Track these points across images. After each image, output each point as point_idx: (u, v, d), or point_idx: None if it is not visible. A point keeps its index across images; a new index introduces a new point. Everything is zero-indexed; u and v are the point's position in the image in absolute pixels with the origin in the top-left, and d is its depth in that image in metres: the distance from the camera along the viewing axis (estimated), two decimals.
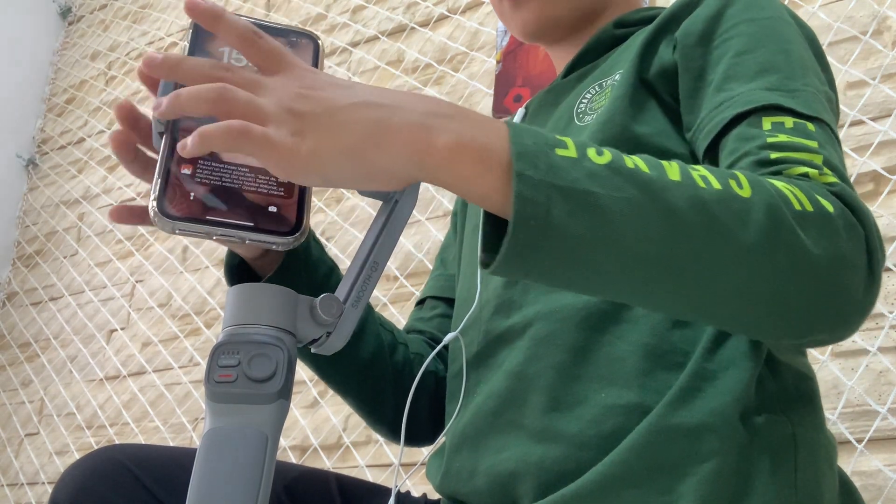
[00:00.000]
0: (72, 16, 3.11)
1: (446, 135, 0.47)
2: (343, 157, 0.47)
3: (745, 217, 0.49)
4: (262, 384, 0.48)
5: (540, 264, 0.47)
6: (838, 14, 1.45)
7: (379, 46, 2.09)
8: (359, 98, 0.48)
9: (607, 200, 0.46)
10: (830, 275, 0.51)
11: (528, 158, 0.46)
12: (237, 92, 0.47)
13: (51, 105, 2.98)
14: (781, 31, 0.67)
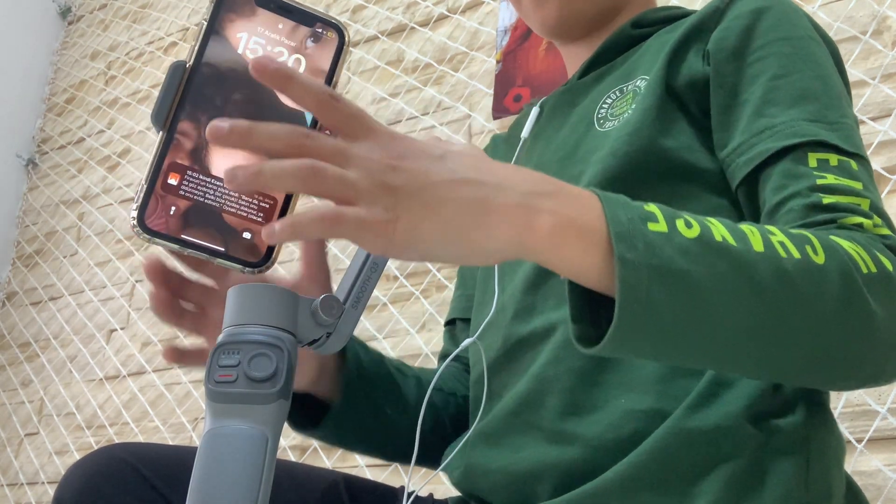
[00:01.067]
0: (71, 15, 3.11)
1: (547, 216, 0.47)
2: (442, 235, 0.45)
3: (822, 287, 0.51)
4: (262, 384, 0.48)
5: (641, 343, 0.49)
6: (838, 14, 1.45)
7: (379, 46, 2.09)
8: (457, 175, 0.46)
9: (700, 278, 0.48)
10: (893, 334, 0.54)
11: (626, 239, 0.47)
12: (328, 169, 0.44)
13: (51, 105, 2.98)
14: (815, 54, 0.67)
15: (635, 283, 0.46)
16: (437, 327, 1.68)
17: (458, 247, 0.46)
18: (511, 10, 1.85)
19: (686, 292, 0.48)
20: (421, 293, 1.73)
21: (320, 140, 0.45)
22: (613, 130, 0.69)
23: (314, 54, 0.53)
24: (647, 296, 0.47)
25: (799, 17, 0.69)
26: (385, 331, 1.75)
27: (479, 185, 0.46)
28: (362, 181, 0.44)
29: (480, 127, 1.81)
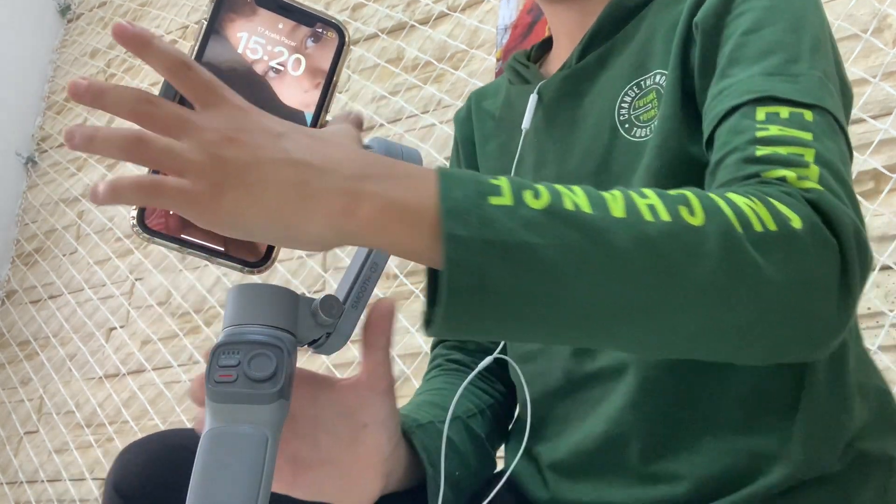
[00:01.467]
0: (71, 13, 3.10)
1: (368, 200, 0.44)
2: (263, 217, 0.43)
3: (697, 250, 0.46)
4: (262, 384, 0.48)
5: (481, 323, 0.45)
6: (839, 12, 1.45)
7: (379, 44, 2.09)
8: (286, 155, 0.44)
9: (547, 251, 0.44)
10: (796, 300, 0.48)
11: (457, 215, 0.44)
12: (153, 141, 0.43)
13: (50, 103, 2.97)
14: (797, 5, 0.64)
15: (464, 260, 0.43)
16: None
17: (280, 230, 0.44)
18: (511, 8, 1.85)
19: (531, 267, 0.44)
20: (421, 291, 1.72)
21: (162, 108, 0.44)
22: (648, 141, 0.66)
23: (314, 54, 0.53)
24: (481, 273, 0.43)
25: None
26: None
27: (305, 168, 0.44)
28: (193, 152, 0.43)
29: None
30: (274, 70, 0.52)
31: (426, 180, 0.45)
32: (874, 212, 1.30)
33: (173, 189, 0.42)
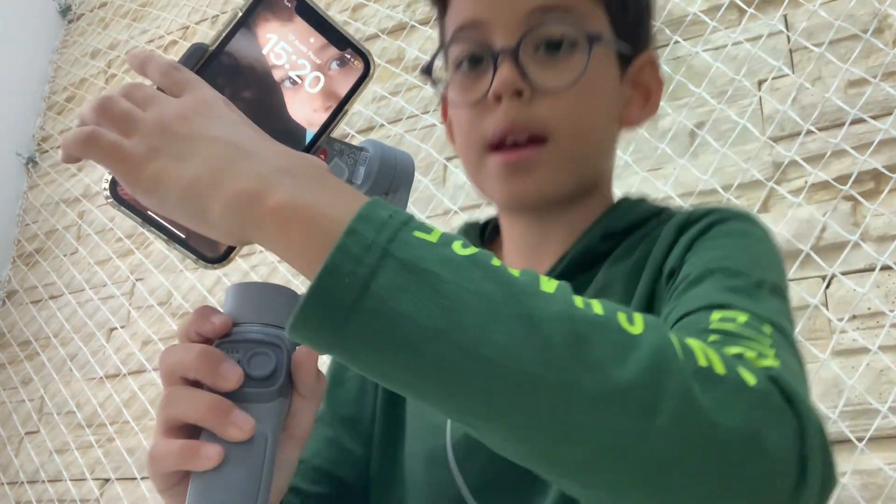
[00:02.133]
0: (71, 14, 3.10)
1: (282, 193, 0.40)
2: (178, 189, 0.42)
3: (625, 352, 0.38)
4: (262, 382, 0.48)
5: (345, 333, 0.38)
6: (839, 12, 1.45)
7: (379, 44, 2.09)
8: (221, 133, 0.43)
9: (454, 288, 0.38)
10: (736, 453, 0.39)
11: (369, 222, 0.39)
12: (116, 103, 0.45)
13: (51, 103, 2.98)
14: (755, 244, 0.60)
15: (357, 257, 0.38)
16: None
17: (190, 205, 0.42)
18: None
19: (427, 295, 0.37)
20: None
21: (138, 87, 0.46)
22: None
23: (335, 77, 0.52)
24: (371, 275, 0.37)
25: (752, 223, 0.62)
26: None
27: (234, 148, 0.42)
28: (147, 118, 0.44)
29: None
30: (291, 80, 0.52)
31: (355, 199, 0.41)
32: (874, 212, 1.31)
33: (108, 143, 0.43)
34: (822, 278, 1.32)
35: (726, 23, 1.58)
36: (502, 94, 0.64)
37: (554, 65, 0.65)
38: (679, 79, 1.57)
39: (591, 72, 0.65)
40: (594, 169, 0.71)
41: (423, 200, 1.82)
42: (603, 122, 0.70)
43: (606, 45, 0.67)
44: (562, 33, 0.65)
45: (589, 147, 0.69)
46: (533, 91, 0.64)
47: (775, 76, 1.49)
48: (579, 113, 0.66)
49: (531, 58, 0.64)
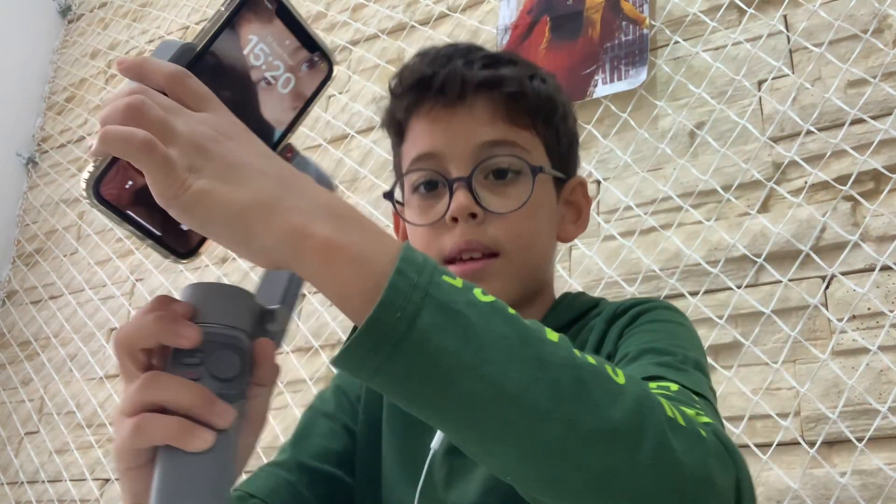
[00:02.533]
0: (71, 14, 3.10)
1: (330, 230, 0.44)
2: (229, 210, 0.44)
3: (615, 397, 0.46)
4: (227, 384, 0.48)
5: (392, 362, 0.43)
6: (839, 12, 1.45)
7: (379, 45, 2.09)
8: (263, 164, 0.46)
9: (481, 330, 0.44)
10: (696, 490, 0.47)
11: (412, 265, 0.44)
12: (153, 108, 0.44)
13: (51, 103, 2.98)
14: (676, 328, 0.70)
15: (406, 294, 0.43)
16: None
17: (236, 229, 0.44)
18: (511, 8, 1.85)
19: (461, 333, 0.43)
20: None
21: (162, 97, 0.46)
22: None
23: (304, 79, 0.54)
24: (416, 313, 0.42)
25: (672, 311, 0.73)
26: None
27: (281, 182, 0.45)
28: (183, 131, 0.44)
29: None
30: (266, 81, 0.53)
31: (391, 239, 0.46)
32: (874, 212, 1.31)
33: (162, 153, 0.43)
34: (822, 278, 1.32)
35: (726, 23, 1.59)
36: (458, 216, 0.74)
37: (502, 191, 0.75)
38: (679, 79, 1.57)
39: (534, 196, 0.76)
40: (539, 277, 0.80)
41: None
42: (545, 238, 0.79)
43: (546, 173, 0.78)
44: (508, 164, 0.76)
45: (534, 259, 0.78)
46: (485, 214, 0.74)
47: (775, 76, 1.49)
48: (526, 231, 0.76)
49: (481, 184, 0.75)
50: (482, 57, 0.79)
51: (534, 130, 0.78)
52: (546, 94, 0.80)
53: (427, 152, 0.77)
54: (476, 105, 0.77)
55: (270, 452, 1.90)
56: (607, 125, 1.62)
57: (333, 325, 1.82)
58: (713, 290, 1.39)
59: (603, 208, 1.57)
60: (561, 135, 0.81)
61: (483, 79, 0.77)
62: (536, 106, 0.78)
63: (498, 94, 0.77)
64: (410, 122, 0.80)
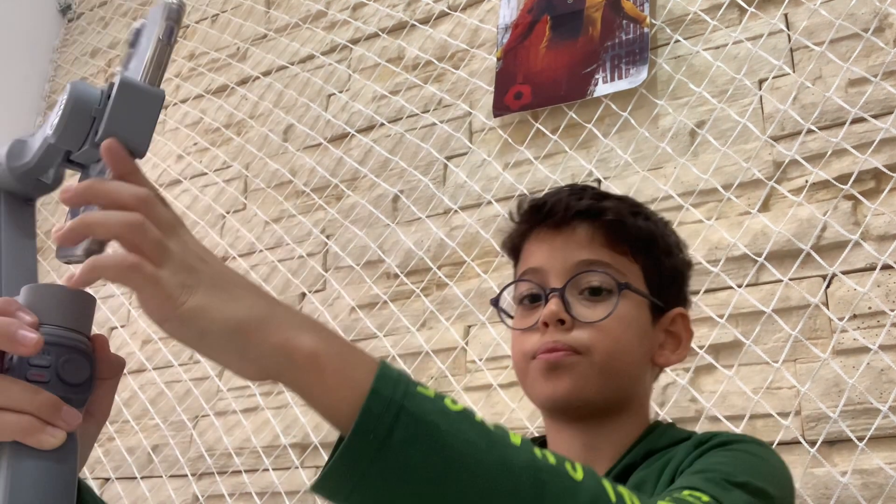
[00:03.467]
0: (71, 13, 3.10)
1: (316, 342, 0.49)
2: (227, 324, 0.48)
3: (572, 493, 0.51)
4: (76, 388, 0.49)
5: (368, 480, 0.47)
6: (840, 11, 1.44)
7: (379, 43, 2.09)
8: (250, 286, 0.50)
9: (450, 438, 0.48)
10: None
11: (387, 381, 0.48)
12: (151, 230, 0.48)
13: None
14: (755, 459, 0.72)
15: (379, 416, 0.47)
16: (437, 325, 1.68)
17: (233, 343, 0.48)
18: (512, 7, 1.85)
19: (431, 446, 0.47)
20: (421, 291, 1.73)
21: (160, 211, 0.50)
22: None
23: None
24: (389, 433, 0.46)
25: (762, 447, 0.75)
26: (385, 329, 1.75)
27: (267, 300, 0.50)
28: (178, 252, 0.48)
29: (481, 124, 1.81)
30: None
31: (366, 356, 0.50)
32: (875, 211, 1.30)
33: (150, 273, 0.47)
34: (823, 277, 1.32)
35: (727, 22, 1.58)
36: (549, 322, 0.80)
37: (593, 305, 0.82)
38: (679, 78, 1.57)
39: (622, 311, 0.81)
40: (624, 389, 0.83)
41: (423, 200, 1.82)
42: (631, 351, 0.83)
43: (637, 295, 0.83)
44: (600, 281, 0.82)
45: (617, 366, 0.81)
46: (574, 322, 0.81)
47: (776, 75, 1.48)
48: (610, 338, 0.81)
49: (576, 298, 0.82)
50: (592, 192, 0.88)
51: (632, 258, 0.85)
52: (646, 228, 0.86)
53: (532, 267, 0.85)
54: (578, 229, 0.84)
55: (270, 451, 1.90)
56: (608, 124, 1.62)
57: (333, 324, 1.82)
58: (714, 290, 1.39)
59: None
60: (663, 268, 0.87)
61: (586, 207, 0.84)
62: (635, 237, 0.85)
63: (599, 222, 0.84)
64: (524, 244, 0.89)
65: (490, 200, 1.70)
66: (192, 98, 2.47)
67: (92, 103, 0.50)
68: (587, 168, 1.60)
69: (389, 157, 1.92)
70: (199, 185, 2.30)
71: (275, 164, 2.14)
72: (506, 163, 1.73)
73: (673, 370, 1.37)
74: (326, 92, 2.14)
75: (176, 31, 0.51)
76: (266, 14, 2.41)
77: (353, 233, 1.89)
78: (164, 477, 1.93)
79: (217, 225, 2.20)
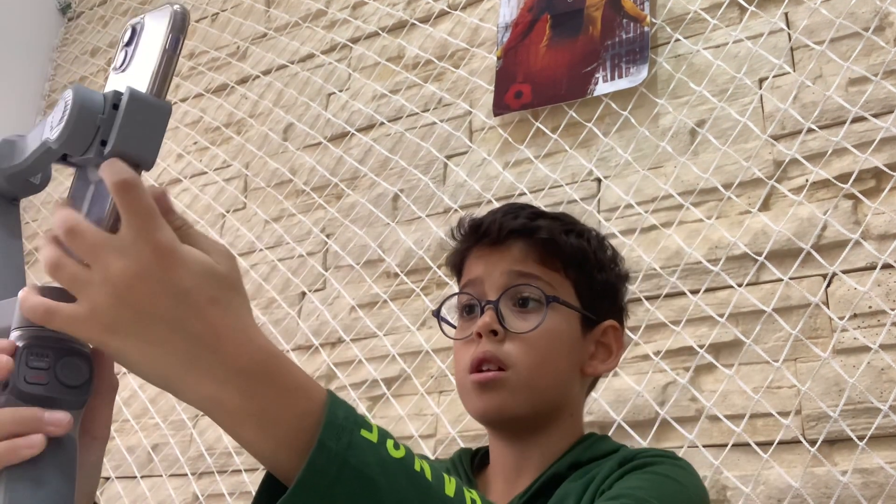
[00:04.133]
0: (71, 12, 3.10)
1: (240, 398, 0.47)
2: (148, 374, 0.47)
3: None
4: (74, 390, 0.49)
5: None
6: (840, 10, 1.44)
7: (379, 42, 2.09)
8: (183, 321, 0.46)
9: (387, 495, 0.48)
10: None
11: (334, 430, 0.48)
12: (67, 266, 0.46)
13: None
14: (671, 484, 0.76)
15: (323, 471, 0.46)
16: (437, 324, 1.68)
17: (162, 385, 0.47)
18: (512, 6, 1.85)
19: (369, 498, 0.48)
20: (421, 290, 1.72)
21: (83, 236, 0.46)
22: None
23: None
24: (330, 488, 0.47)
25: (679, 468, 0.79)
26: (385, 328, 1.75)
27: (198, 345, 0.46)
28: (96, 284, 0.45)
29: (481, 123, 1.81)
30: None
31: (310, 397, 0.49)
32: (875, 210, 1.30)
33: (67, 317, 0.46)
34: (823, 277, 1.32)
35: (727, 21, 1.58)
36: (482, 332, 0.86)
37: (524, 316, 0.87)
38: (680, 77, 1.57)
39: (551, 323, 0.86)
40: (551, 400, 0.87)
41: (424, 199, 1.82)
42: (561, 364, 0.88)
43: (566, 307, 0.88)
44: (529, 293, 0.87)
45: (543, 378, 0.86)
46: (506, 334, 0.86)
47: (776, 74, 1.48)
48: (536, 352, 0.85)
49: (510, 309, 0.87)
50: (528, 212, 0.92)
51: (564, 273, 0.89)
52: (578, 245, 0.91)
53: (470, 279, 0.91)
54: (513, 247, 0.89)
55: None
56: (608, 123, 1.62)
57: (333, 323, 1.82)
58: (714, 289, 1.39)
59: (603, 207, 1.57)
60: (595, 282, 0.91)
61: (520, 226, 0.89)
62: (567, 253, 0.89)
63: (532, 240, 0.89)
64: (465, 262, 0.94)
65: (490, 199, 1.70)
66: (191, 97, 2.47)
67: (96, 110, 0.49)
68: (587, 167, 1.60)
69: (389, 156, 1.92)
70: (198, 184, 2.30)
71: (275, 163, 2.14)
72: (506, 162, 1.73)
73: (673, 369, 1.37)
74: (326, 91, 2.14)
75: (182, 42, 0.50)
76: (266, 13, 2.41)
77: (353, 232, 1.89)
78: (164, 476, 1.93)
79: (217, 224, 2.20)
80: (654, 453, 0.81)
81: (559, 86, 1.69)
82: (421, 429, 1.60)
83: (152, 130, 0.49)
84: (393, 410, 1.65)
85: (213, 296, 0.47)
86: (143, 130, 0.48)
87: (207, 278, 0.47)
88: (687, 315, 1.38)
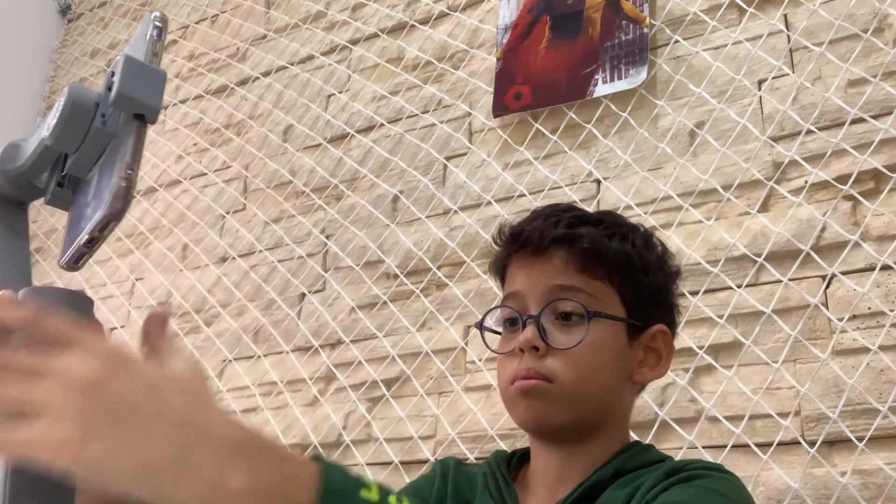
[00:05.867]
0: (71, 13, 3.10)
1: (244, 478, 0.43)
2: (135, 474, 0.41)
3: None
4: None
5: None
6: (839, 12, 1.45)
7: (379, 44, 2.09)
8: (166, 412, 0.43)
9: None
10: None
11: (334, 497, 0.46)
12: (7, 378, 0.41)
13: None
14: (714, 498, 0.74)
15: None
16: (437, 325, 1.68)
17: (149, 487, 0.42)
18: (511, 8, 1.85)
19: None
20: (421, 291, 1.73)
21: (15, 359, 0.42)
22: None
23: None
24: None
25: (727, 481, 0.77)
26: (385, 329, 1.75)
27: (185, 430, 0.43)
28: (54, 394, 0.41)
29: (481, 125, 1.81)
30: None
31: (305, 465, 0.47)
32: (874, 211, 1.31)
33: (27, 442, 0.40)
34: (823, 278, 1.32)
35: (726, 22, 1.58)
36: (524, 348, 0.84)
37: (567, 330, 0.84)
38: (679, 78, 1.57)
39: (594, 337, 0.84)
40: (596, 411, 0.85)
41: (423, 200, 1.82)
42: (607, 375, 0.85)
43: (611, 319, 0.85)
44: (572, 307, 0.85)
45: (591, 391, 0.84)
46: (548, 349, 0.84)
47: (775, 76, 1.48)
48: (578, 367, 0.83)
49: (552, 323, 0.85)
50: (569, 217, 0.88)
51: (608, 281, 0.87)
52: (622, 250, 0.88)
53: (512, 292, 0.88)
54: (554, 256, 0.87)
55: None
56: (607, 124, 1.62)
57: (333, 324, 1.82)
58: (713, 290, 1.39)
59: (603, 208, 1.57)
60: (641, 287, 0.88)
61: (560, 235, 0.87)
62: (610, 260, 0.87)
63: (574, 249, 0.86)
64: (507, 269, 0.92)
65: (490, 201, 1.70)
66: (191, 98, 2.47)
67: (90, 105, 0.49)
68: (587, 168, 1.60)
69: (389, 157, 1.92)
70: (198, 186, 2.30)
71: (274, 164, 2.14)
72: (505, 163, 1.73)
73: (673, 370, 1.37)
74: (326, 92, 2.14)
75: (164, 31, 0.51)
76: (266, 14, 2.41)
77: (353, 233, 1.89)
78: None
79: (217, 225, 2.20)
80: (701, 465, 0.79)
81: (559, 87, 1.69)
82: (420, 430, 1.60)
83: (152, 85, 0.49)
84: (392, 411, 1.65)
85: (182, 387, 0.45)
86: (144, 83, 0.48)
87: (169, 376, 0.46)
88: (686, 316, 1.38)
